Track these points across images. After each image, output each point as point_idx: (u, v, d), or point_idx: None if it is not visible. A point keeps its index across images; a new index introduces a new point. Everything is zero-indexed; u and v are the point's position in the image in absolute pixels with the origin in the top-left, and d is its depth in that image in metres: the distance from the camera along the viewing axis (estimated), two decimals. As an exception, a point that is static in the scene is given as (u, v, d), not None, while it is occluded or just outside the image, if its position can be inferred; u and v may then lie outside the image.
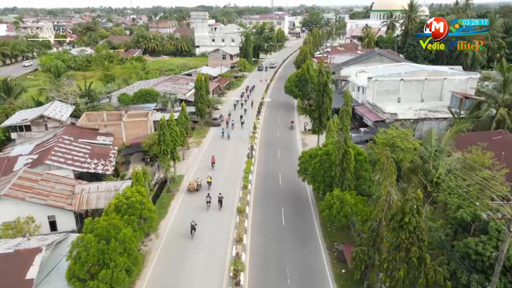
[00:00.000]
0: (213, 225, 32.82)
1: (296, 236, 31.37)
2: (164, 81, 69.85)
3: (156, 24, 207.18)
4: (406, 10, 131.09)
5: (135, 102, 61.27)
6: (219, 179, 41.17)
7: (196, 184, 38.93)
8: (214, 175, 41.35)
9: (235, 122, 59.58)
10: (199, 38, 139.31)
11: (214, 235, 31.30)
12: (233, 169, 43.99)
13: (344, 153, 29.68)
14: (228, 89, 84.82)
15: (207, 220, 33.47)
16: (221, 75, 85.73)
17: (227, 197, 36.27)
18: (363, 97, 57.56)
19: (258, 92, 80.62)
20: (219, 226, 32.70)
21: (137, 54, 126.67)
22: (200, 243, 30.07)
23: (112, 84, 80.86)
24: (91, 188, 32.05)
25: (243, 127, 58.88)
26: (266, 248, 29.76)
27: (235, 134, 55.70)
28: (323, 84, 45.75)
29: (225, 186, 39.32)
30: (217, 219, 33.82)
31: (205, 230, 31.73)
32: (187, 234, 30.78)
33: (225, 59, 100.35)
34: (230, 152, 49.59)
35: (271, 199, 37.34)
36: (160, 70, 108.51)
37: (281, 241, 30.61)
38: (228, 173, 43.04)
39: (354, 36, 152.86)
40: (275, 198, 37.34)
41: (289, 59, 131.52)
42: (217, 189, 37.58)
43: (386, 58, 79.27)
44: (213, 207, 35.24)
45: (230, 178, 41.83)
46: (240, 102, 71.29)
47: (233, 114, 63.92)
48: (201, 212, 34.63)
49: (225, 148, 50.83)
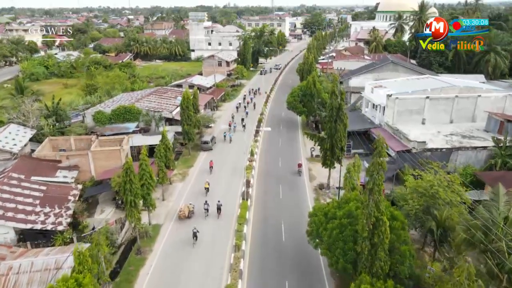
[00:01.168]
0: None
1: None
2: (149, 94, 61.04)
3: (151, 26, 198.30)
4: (416, 12, 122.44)
5: (113, 121, 52.47)
6: (218, 185, 40.45)
7: (188, 210, 34.67)
8: (213, 181, 40.72)
9: (237, 124, 59.42)
10: (194, 41, 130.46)
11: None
12: (234, 174, 43.43)
13: (376, 222, 20.91)
14: (223, 101, 76.01)
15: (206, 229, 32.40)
16: (216, 85, 76.82)
17: (226, 205, 35.46)
18: (380, 117, 48.70)
19: (257, 105, 71.79)
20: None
21: (127, 59, 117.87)
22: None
23: (92, 97, 72.14)
24: (22, 265, 23.17)
25: (245, 130, 58.28)
26: None
27: (237, 137, 54.92)
28: (336, 108, 36.86)
29: (224, 194, 38.56)
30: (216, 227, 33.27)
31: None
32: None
33: (220, 66, 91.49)
34: (231, 156, 49.05)
35: (271, 266, 28.44)
36: (150, 78, 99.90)
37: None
38: (227, 180, 42.36)
39: (360, 39, 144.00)
40: (277, 265, 28.42)
41: (291, 65, 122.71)
42: (216, 196, 37.16)
43: (401, 67, 70.48)
44: (211, 214, 34.74)
45: (229, 184, 40.99)
46: (243, 105, 70.70)
47: (236, 117, 63.72)
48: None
49: (226, 152, 50.39)
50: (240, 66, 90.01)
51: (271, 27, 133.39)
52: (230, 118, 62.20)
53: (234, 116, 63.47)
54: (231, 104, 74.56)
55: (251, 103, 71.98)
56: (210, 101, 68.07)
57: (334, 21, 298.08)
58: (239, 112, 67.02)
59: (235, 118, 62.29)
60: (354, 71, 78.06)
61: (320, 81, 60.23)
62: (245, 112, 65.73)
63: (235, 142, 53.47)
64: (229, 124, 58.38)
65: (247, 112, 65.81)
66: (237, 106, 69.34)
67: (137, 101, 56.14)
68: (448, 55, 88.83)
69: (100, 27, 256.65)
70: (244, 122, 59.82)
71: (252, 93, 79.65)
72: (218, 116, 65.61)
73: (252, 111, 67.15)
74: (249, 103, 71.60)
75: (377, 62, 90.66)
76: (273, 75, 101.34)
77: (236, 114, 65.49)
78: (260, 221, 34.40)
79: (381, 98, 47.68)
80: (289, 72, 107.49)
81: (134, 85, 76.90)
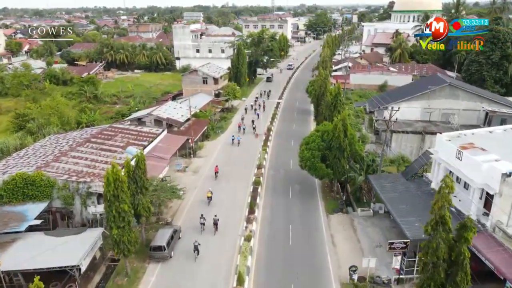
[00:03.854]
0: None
1: None
2: (85, 142, 39.00)
3: (137, 28, 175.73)
4: (448, 11, 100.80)
5: (8, 200, 30.49)
6: (221, 195, 35.74)
7: None
8: (216, 189, 36.33)
9: (247, 127, 56.42)
10: (179, 48, 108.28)
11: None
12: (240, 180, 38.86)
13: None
14: (207, 138, 53.92)
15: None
16: (196, 116, 54.54)
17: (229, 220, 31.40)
18: (478, 208, 26.37)
19: (251, 153, 49.99)
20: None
21: (94, 71, 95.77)
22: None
23: (21, 134, 50.34)
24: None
25: (255, 132, 54.75)
26: None
27: (246, 140, 51.79)
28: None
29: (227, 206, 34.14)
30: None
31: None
32: None
33: (206, 83, 69.32)
34: (238, 161, 45.14)
35: None
36: (118, 97, 78.09)
37: None
38: (232, 189, 37.42)
39: (376, 43, 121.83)
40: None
41: (296, 75, 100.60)
42: (219, 206, 33.32)
43: (462, 91, 48.62)
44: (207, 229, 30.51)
45: (234, 195, 36.18)
46: (254, 108, 66.68)
47: (246, 118, 60.36)
48: None
49: (233, 157, 46.48)
50: (232, 85, 67.66)
51: (271, 31, 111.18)
52: (240, 120, 59.62)
53: (244, 118, 60.67)
54: (217, 142, 52.57)
55: (262, 104, 67.90)
56: (185, 144, 46.04)
57: (338, 21, 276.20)
58: (248, 113, 64.01)
59: (245, 120, 59.19)
60: (391, 94, 56.17)
61: (352, 128, 38.43)
62: (255, 114, 62.29)
63: (243, 145, 50.34)
64: (239, 125, 56.44)
65: (258, 114, 62.56)
66: (246, 108, 66.37)
67: (56, 160, 34.14)
68: (508, 68, 66.93)
69: (87, 28, 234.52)
70: (254, 124, 56.56)
71: (265, 94, 76.18)
72: (194, 170, 43.54)
73: (262, 114, 64.11)
74: (260, 105, 67.53)
75: (418, 81, 68.80)
76: (276, 90, 79.46)
77: (246, 116, 62.65)
78: None
79: (481, 174, 25.41)
80: (295, 88, 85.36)
81: (82, 116, 54.83)
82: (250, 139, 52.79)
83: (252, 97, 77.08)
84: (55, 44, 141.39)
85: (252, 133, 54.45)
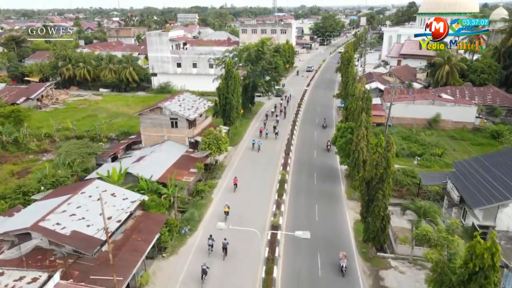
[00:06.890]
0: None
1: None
2: None
3: (116, 33, 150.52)
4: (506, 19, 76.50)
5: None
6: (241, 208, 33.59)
7: None
8: (234, 202, 34.02)
9: (269, 132, 53.71)
10: (154, 60, 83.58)
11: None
12: (260, 192, 36.84)
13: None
14: (171, 239, 29.16)
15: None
16: (145, 207, 29.74)
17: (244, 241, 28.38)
18: None
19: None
20: None
21: (38, 93, 71.12)
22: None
23: None
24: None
25: (277, 137, 53.03)
26: None
27: (267, 145, 49.22)
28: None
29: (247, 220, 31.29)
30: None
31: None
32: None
33: (176, 127, 44.42)
34: (259, 169, 42.59)
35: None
36: (52, 140, 53.78)
37: None
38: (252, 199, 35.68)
39: (405, 54, 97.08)
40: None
41: (308, 96, 76.08)
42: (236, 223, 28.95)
43: None
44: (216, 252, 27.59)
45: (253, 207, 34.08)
46: (275, 114, 63.59)
47: (268, 124, 58.07)
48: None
49: (254, 164, 43.93)
50: (213, 133, 42.75)
51: (274, 39, 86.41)
52: (262, 124, 57.70)
53: (266, 123, 58.61)
54: (191, 247, 28.28)
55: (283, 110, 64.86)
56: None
57: (345, 24, 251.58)
58: (269, 119, 60.66)
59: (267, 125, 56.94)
60: (493, 162, 31.71)
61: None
62: (275, 120, 58.80)
63: (263, 151, 47.33)
64: (260, 130, 54.44)
65: (277, 120, 59.05)
66: (267, 114, 63.08)
67: None
68: None
69: (69, 32, 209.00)
70: (276, 129, 54.60)
71: (286, 100, 70.58)
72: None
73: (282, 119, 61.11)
74: (282, 111, 64.68)
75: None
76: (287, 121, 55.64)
77: (267, 121, 59.61)
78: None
79: None
80: (306, 121, 60.75)
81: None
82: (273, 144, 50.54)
83: (249, 137, 53.03)
84: (16, 53, 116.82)
85: (273, 139, 52.87)
